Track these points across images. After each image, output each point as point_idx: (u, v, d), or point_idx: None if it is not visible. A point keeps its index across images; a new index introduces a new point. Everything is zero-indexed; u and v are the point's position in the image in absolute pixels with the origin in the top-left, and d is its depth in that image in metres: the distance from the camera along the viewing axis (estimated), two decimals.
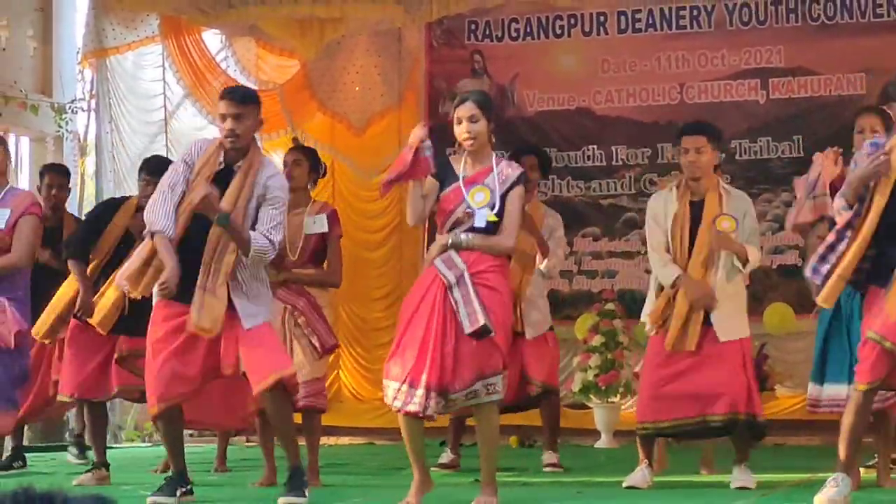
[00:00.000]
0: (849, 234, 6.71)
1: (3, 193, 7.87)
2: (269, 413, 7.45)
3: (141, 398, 9.16)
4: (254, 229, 7.16)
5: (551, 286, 10.25)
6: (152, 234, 7.12)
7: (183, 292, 7.03)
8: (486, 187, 7.02)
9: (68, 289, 9.08)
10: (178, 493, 7.25)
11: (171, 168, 7.41)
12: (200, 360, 7.23)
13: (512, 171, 7.17)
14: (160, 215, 7.12)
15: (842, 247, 6.73)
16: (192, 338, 7.15)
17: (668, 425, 8.13)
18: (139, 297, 7.53)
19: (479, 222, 7.03)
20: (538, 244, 9.49)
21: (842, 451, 6.75)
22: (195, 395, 7.44)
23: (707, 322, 7.91)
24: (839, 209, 6.90)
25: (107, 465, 9.11)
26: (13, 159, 13.52)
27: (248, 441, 12.81)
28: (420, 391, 6.86)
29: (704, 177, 8.13)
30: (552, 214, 9.85)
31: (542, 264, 9.55)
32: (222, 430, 9.95)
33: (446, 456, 9.74)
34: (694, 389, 8.02)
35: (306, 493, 7.31)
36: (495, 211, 6.98)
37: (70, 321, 9.02)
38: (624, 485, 8.04)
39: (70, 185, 10.73)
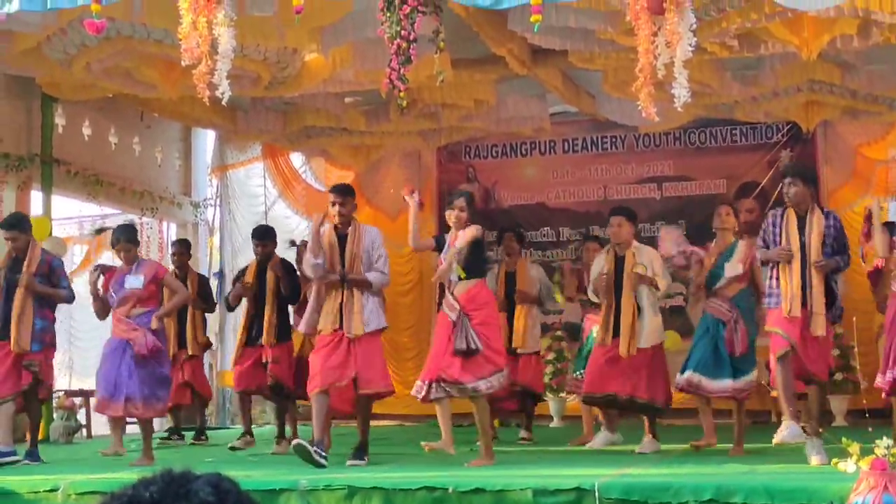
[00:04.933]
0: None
1: (136, 265, 8.12)
2: (359, 405, 7.56)
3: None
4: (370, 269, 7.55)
5: None
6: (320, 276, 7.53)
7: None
8: (452, 250, 7.37)
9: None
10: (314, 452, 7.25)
11: (311, 243, 7.64)
12: (343, 361, 7.38)
13: (469, 230, 7.43)
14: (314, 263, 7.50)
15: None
16: (338, 346, 7.36)
17: (602, 398, 8.33)
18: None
19: (454, 277, 7.43)
20: (527, 296, 9.65)
21: (783, 406, 6.86)
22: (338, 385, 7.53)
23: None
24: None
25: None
26: (164, 239, 13.70)
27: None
28: (424, 384, 7.23)
29: (624, 242, 8.31)
30: (535, 267, 10.01)
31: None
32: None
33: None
34: (623, 379, 8.17)
35: (366, 459, 7.41)
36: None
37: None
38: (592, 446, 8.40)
39: (190, 253, 10.81)
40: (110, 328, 8.18)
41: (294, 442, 7.44)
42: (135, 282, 8.01)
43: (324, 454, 7.19)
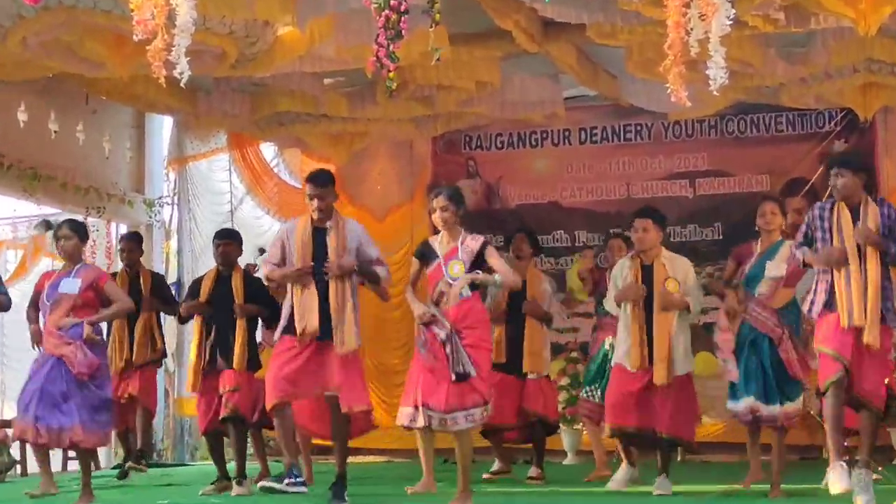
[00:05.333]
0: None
1: (76, 269, 8.07)
2: (337, 426, 7.46)
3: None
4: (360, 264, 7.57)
5: None
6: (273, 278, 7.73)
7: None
8: (459, 261, 7.33)
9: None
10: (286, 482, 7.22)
11: (272, 245, 7.81)
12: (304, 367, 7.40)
13: (475, 242, 7.44)
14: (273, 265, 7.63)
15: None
16: (301, 352, 7.38)
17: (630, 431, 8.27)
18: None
19: (465, 293, 7.30)
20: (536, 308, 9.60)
21: (830, 442, 6.75)
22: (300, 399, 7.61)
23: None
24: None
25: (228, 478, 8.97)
26: (113, 244, 13.63)
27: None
28: (419, 410, 7.17)
29: (650, 248, 8.32)
30: (547, 279, 10.00)
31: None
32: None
33: (496, 465, 9.86)
34: (649, 408, 8.14)
35: (346, 499, 7.28)
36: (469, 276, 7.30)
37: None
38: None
39: (142, 249, 10.86)
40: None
41: (259, 485, 7.39)
42: (70, 285, 7.98)
43: (300, 479, 7.25)
